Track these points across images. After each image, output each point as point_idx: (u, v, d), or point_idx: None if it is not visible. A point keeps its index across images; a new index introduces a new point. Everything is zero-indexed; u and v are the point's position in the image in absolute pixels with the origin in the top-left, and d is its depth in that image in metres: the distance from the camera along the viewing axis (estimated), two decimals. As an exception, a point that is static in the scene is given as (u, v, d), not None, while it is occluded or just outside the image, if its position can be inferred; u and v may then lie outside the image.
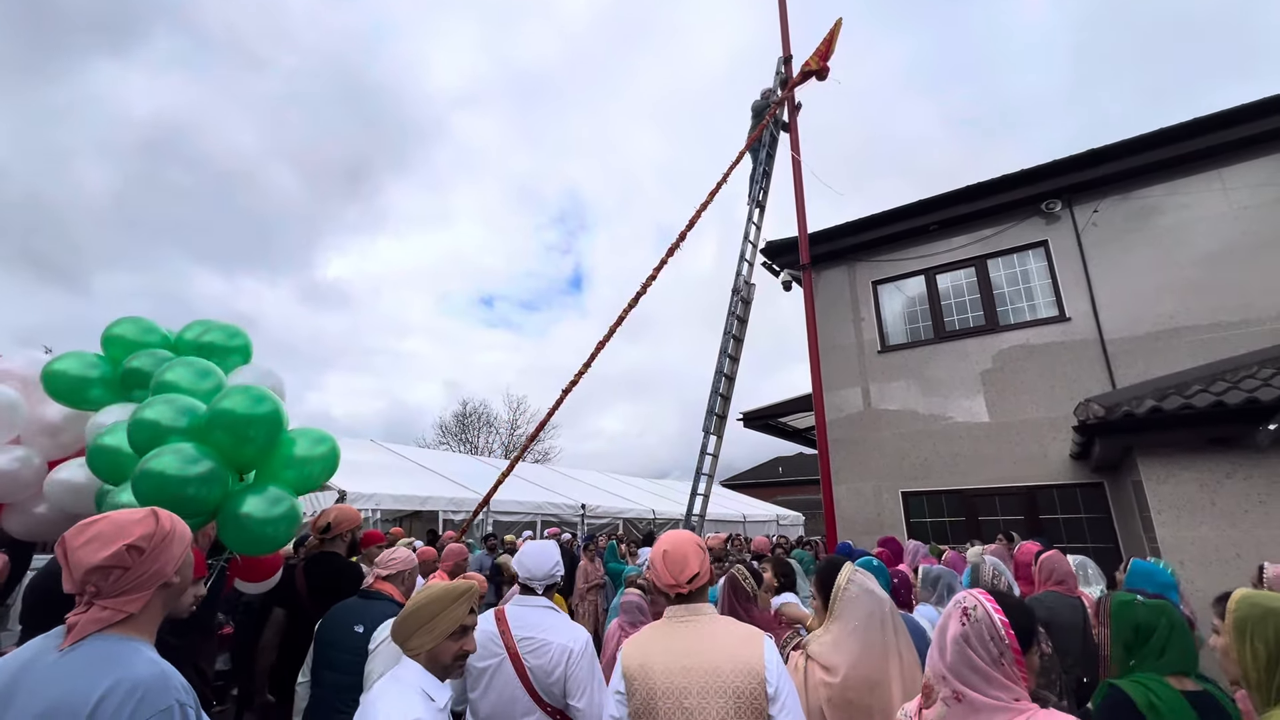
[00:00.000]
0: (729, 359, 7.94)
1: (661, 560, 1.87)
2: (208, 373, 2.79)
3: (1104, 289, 6.98)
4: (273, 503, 2.67)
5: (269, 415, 2.66)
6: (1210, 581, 4.30)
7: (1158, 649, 1.73)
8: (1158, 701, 1.60)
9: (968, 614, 1.38)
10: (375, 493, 9.23)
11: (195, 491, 2.36)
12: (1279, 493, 4.29)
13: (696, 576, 1.83)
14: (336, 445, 3.11)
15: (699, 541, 1.93)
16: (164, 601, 1.35)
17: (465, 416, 32.18)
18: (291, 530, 2.74)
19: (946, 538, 7.21)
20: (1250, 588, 2.89)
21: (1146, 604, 1.84)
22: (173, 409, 2.54)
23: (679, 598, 1.84)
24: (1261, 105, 6.34)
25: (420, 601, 1.72)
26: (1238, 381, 4.61)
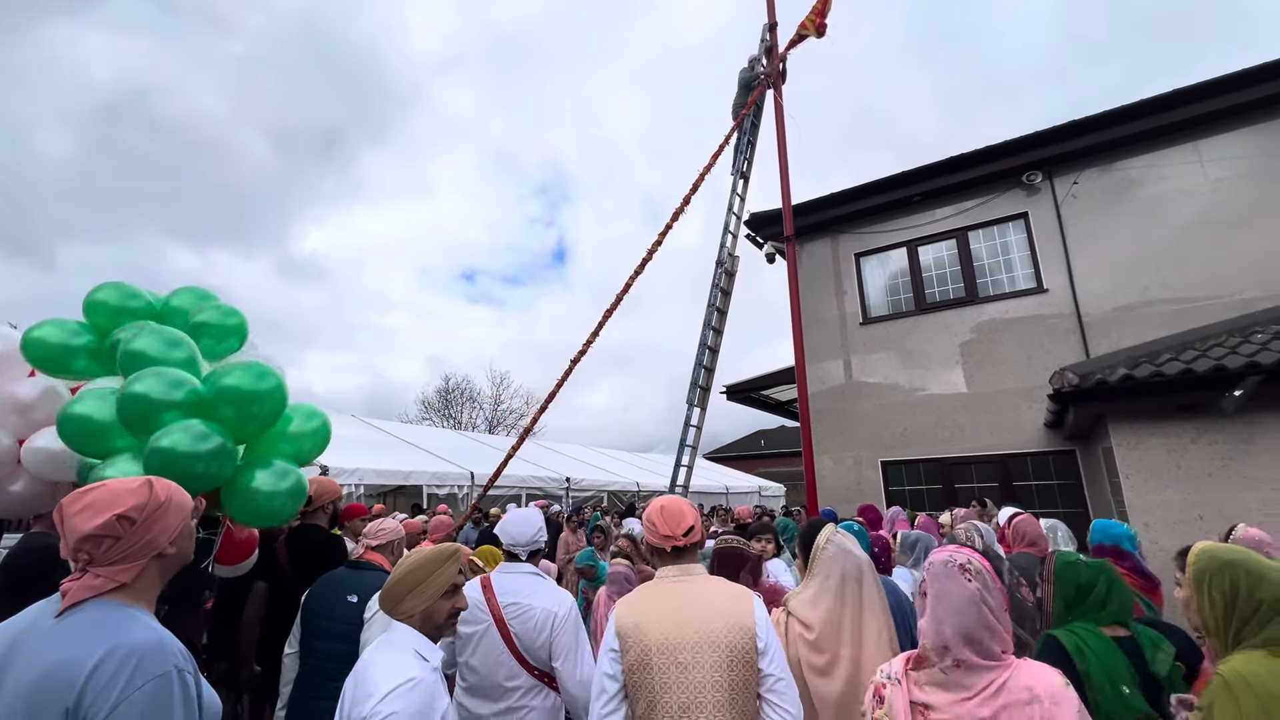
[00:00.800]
0: (712, 331, 7.95)
1: (660, 514, 1.92)
2: (177, 342, 2.71)
3: (1081, 261, 7.08)
4: (279, 476, 2.66)
5: (273, 391, 2.63)
6: (1175, 542, 4.44)
7: (1098, 603, 1.91)
8: (1085, 646, 1.80)
9: (968, 570, 1.42)
10: (358, 468, 9.17)
11: (205, 468, 2.34)
12: (1240, 456, 4.45)
13: (692, 530, 1.88)
14: (328, 421, 3.09)
15: (691, 504, 2.00)
16: (160, 571, 1.34)
17: (448, 392, 32.01)
18: (298, 503, 2.74)
19: (924, 505, 7.40)
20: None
21: (1089, 564, 2.01)
22: (164, 383, 2.48)
23: (675, 553, 1.87)
24: (1238, 77, 6.39)
25: (410, 565, 1.73)
26: (1206, 350, 4.74)
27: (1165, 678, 1.77)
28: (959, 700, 1.35)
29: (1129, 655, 1.80)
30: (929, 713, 1.37)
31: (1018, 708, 1.29)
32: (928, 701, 1.38)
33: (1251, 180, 6.43)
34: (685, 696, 1.63)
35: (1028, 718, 1.28)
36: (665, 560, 1.90)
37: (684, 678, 1.65)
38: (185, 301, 3.18)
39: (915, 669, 1.46)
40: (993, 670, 1.35)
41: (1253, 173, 6.44)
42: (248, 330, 3.22)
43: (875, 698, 1.47)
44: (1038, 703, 1.29)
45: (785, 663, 1.71)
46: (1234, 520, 4.34)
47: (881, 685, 1.47)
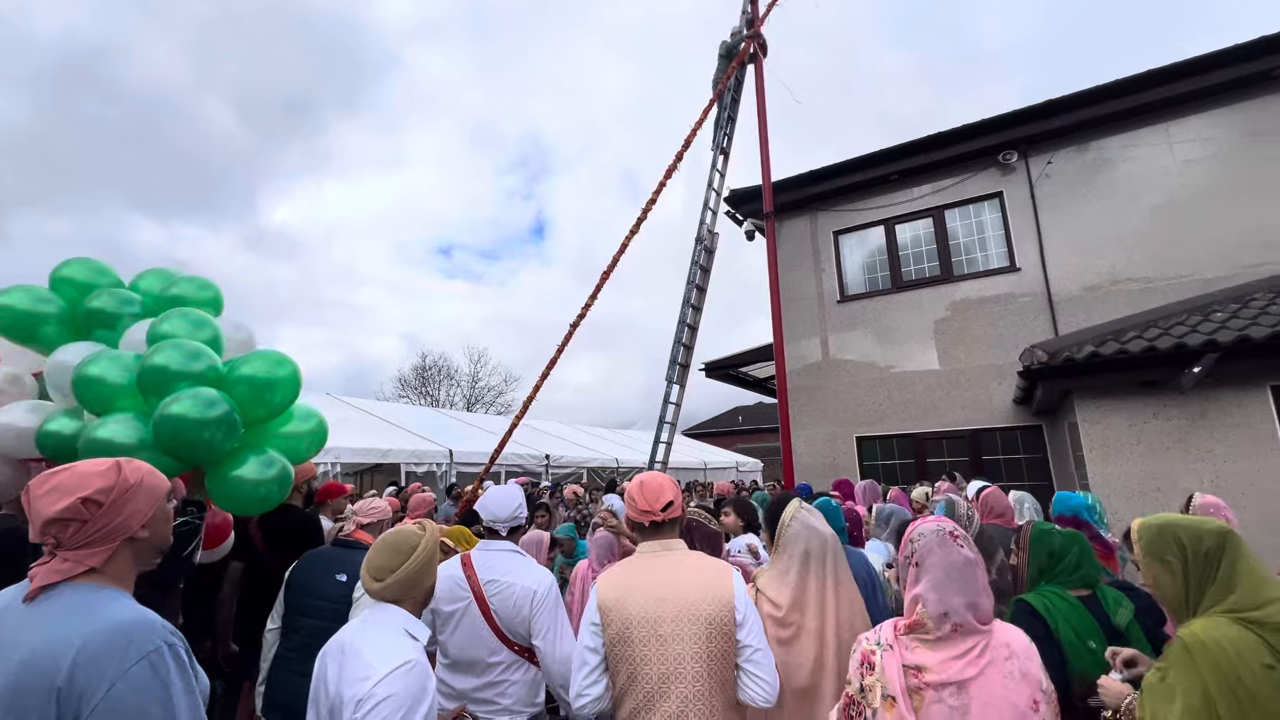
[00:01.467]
0: (692, 309, 7.95)
1: (639, 489, 1.94)
2: (203, 323, 2.69)
3: (1053, 240, 7.21)
4: (266, 464, 2.64)
5: (289, 379, 2.61)
6: (1134, 513, 4.63)
7: (1070, 568, 2.07)
8: (1051, 605, 1.97)
9: (958, 537, 1.49)
10: (334, 446, 9.05)
11: (212, 436, 2.33)
12: (1196, 430, 4.64)
13: (671, 505, 1.90)
14: (324, 422, 3.07)
15: (673, 480, 2.02)
16: (134, 555, 1.31)
17: (425, 369, 31.65)
18: (284, 493, 2.72)
19: (897, 479, 7.58)
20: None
21: (1062, 533, 2.14)
22: (182, 353, 2.45)
23: (654, 528, 1.89)
24: (1208, 59, 6.49)
25: (417, 559, 1.71)
26: (1169, 328, 4.89)
27: (1125, 629, 1.91)
28: (950, 660, 1.43)
29: (1093, 613, 1.94)
30: (921, 674, 1.43)
31: (999, 663, 1.41)
32: (920, 663, 1.44)
33: (1217, 162, 6.58)
34: (665, 668, 1.67)
35: (1008, 671, 1.40)
36: (645, 535, 1.92)
37: (664, 650, 1.68)
38: (155, 283, 3.09)
39: (907, 634, 1.51)
40: (981, 633, 1.45)
41: (1218, 155, 6.59)
42: (222, 304, 3.15)
43: (864, 664, 1.51)
44: (1015, 658, 1.43)
45: (762, 634, 1.76)
46: (1187, 491, 4.55)
47: (870, 652, 1.52)
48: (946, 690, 1.40)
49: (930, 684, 1.41)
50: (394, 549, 1.71)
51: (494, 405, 31.67)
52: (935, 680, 1.41)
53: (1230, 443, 4.53)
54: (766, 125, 8.18)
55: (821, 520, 2.21)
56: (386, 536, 1.77)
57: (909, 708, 1.41)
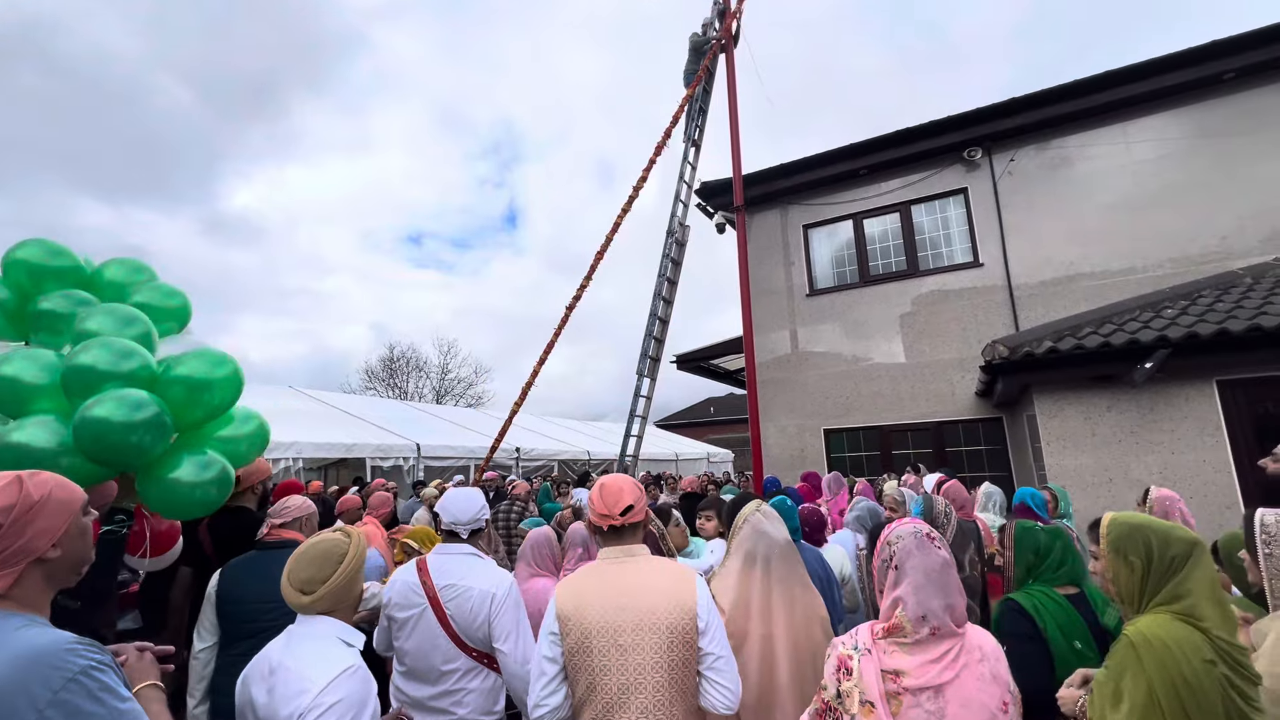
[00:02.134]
0: (663, 301, 7.91)
1: (598, 493, 1.89)
2: (132, 319, 2.49)
3: (1014, 236, 7.36)
4: (204, 465, 2.48)
5: (229, 379, 2.45)
6: (1088, 503, 4.81)
7: (1055, 565, 2.09)
8: (1040, 605, 2.00)
9: (935, 539, 1.49)
10: (296, 440, 8.81)
11: (140, 439, 2.15)
12: (1147, 423, 4.80)
13: (631, 509, 1.85)
14: (265, 424, 2.91)
15: (636, 482, 1.96)
16: (45, 576, 1.21)
17: (393, 361, 31.01)
18: (223, 495, 2.56)
19: (863, 470, 7.71)
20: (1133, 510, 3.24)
21: (1045, 530, 2.16)
22: (112, 352, 2.27)
23: (613, 532, 1.85)
24: (1161, 62, 6.67)
25: (345, 568, 1.65)
26: (1122, 324, 5.03)
27: (1114, 629, 1.94)
28: (927, 664, 1.43)
29: (1081, 612, 1.98)
30: (900, 679, 1.43)
31: (973, 666, 1.43)
32: (899, 668, 1.44)
33: (1170, 162, 6.79)
34: (625, 678, 1.63)
35: (981, 674, 1.43)
36: (606, 540, 1.87)
37: (624, 660, 1.64)
38: (119, 275, 2.89)
39: (885, 638, 1.50)
40: (957, 636, 1.46)
41: (1171, 154, 6.79)
42: (190, 313, 2.97)
43: (841, 669, 1.50)
44: (986, 660, 1.46)
45: (726, 640, 1.73)
46: (1139, 482, 4.70)
47: (847, 657, 1.50)
48: (924, 695, 1.40)
49: (908, 689, 1.41)
50: (322, 559, 1.65)
51: (464, 398, 31.24)
52: (913, 685, 1.41)
53: (1179, 435, 4.70)
54: (738, 117, 8.14)
55: (775, 523, 2.18)
56: (310, 547, 1.69)
57: (887, 713, 1.40)
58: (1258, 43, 6.28)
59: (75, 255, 2.85)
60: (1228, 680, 1.41)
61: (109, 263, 2.98)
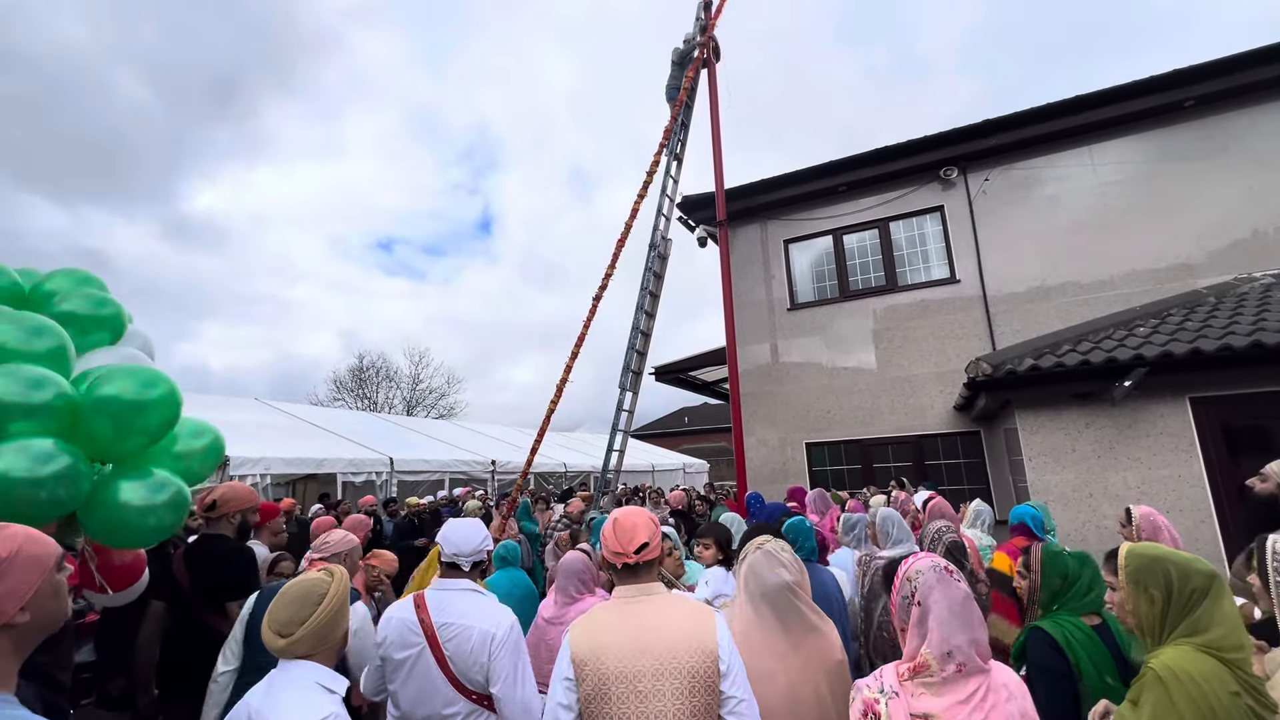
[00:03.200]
0: (645, 315, 7.88)
1: (612, 528, 1.82)
2: (41, 329, 2.25)
3: (989, 253, 7.54)
4: (155, 489, 2.28)
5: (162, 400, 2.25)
6: (1068, 518, 4.91)
7: (1082, 592, 2.03)
8: (1071, 636, 1.92)
9: (954, 573, 1.46)
10: (263, 456, 8.48)
11: (51, 494, 1.94)
12: (1124, 440, 4.92)
13: (646, 547, 1.78)
14: (220, 437, 2.72)
15: (651, 516, 1.88)
16: (14, 644, 1.09)
17: (362, 371, 30.27)
18: (178, 520, 2.37)
19: (845, 484, 7.75)
20: (1119, 530, 3.27)
21: (1073, 554, 2.10)
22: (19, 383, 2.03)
23: (627, 570, 1.77)
24: (1125, 89, 6.94)
25: (325, 618, 1.56)
26: (1099, 342, 5.17)
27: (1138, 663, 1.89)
28: (956, 705, 1.39)
29: (1106, 644, 1.92)
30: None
31: (1001, 706, 1.40)
32: (928, 711, 1.40)
33: (1135, 184, 7.05)
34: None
35: (1009, 714, 1.40)
36: (620, 578, 1.80)
37: (643, 707, 1.56)
38: (61, 285, 2.68)
39: (911, 678, 1.46)
40: (982, 673, 1.43)
41: (1136, 177, 7.05)
42: (124, 323, 2.76)
43: (868, 715, 1.45)
44: (1014, 698, 1.43)
45: (747, 682, 1.67)
46: (1117, 497, 4.81)
47: (874, 701, 1.46)
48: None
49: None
50: (301, 599, 1.57)
51: (435, 408, 30.65)
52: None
53: (1155, 451, 4.83)
54: (720, 133, 8.19)
55: (772, 564, 2.04)
56: (290, 588, 1.63)
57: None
58: (1216, 73, 6.58)
59: (11, 270, 2.64)
60: (1253, 711, 1.42)
61: (54, 274, 2.77)
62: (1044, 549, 2.16)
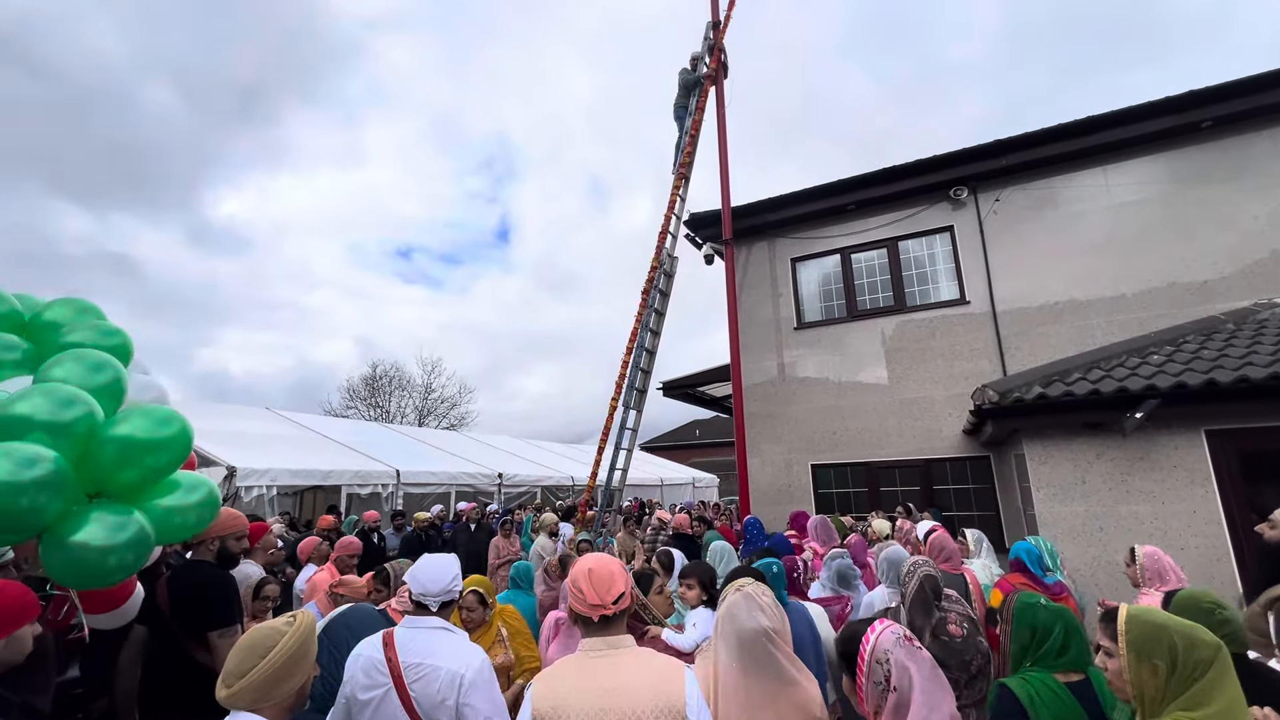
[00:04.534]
0: (650, 333, 7.84)
1: (587, 579, 1.75)
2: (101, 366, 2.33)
3: (1000, 275, 7.41)
4: (115, 527, 2.23)
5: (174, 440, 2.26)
6: (1078, 552, 4.75)
7: (1054, 650, 1.92)
8: (1037, 695, 1.83)
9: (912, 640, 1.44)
10: (270, 467, 8.54)
11: (31, 502, 1.92)
12: (1137, 473, 4.76)
13: (622, 597, 1.74)
14: (215, 491, 2.72)
15: (620, 563, 1.84)
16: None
17: (375, 380, 30.52)
18: (140, 560, 2.32)
19: (850, 507, 7.61)
20: (1124, 570, 3.14)
21: (1048, 607, 1.99)
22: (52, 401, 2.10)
23: (602, 622, 1.72)
24: (1140, 110, 6.81)
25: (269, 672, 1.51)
26: (1110, 370, 5.02)
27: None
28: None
29: (1083, 701, 1.81)
30: None
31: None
32: None
33: (1149, 206, 6.89)
34: (604, 792, 1.49)
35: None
36: (591, 631, 1.73)
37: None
38: (61, 315, 2.71)
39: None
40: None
41: (1150, 199, 6.90)
42: (131, 353, 2.78)
43: None
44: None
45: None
46: (1130, 531, 4.65)
47: None
48: None
49: None
50: (248, 650, 1.53)
51: (447, 418, 30.79)
52: None
53: (1169, 484, 4.65)
54: (727, 151, 8.18)
55: (751, 608, 1.95)
56: (246, 636, 1.59)
57: None
58: (1235, 93, 6.43)
59: (9, 296, 2.68)
60: None
61: (53, 303, 2.81)
62: (1017, 599, 2.06)
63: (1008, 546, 6.31)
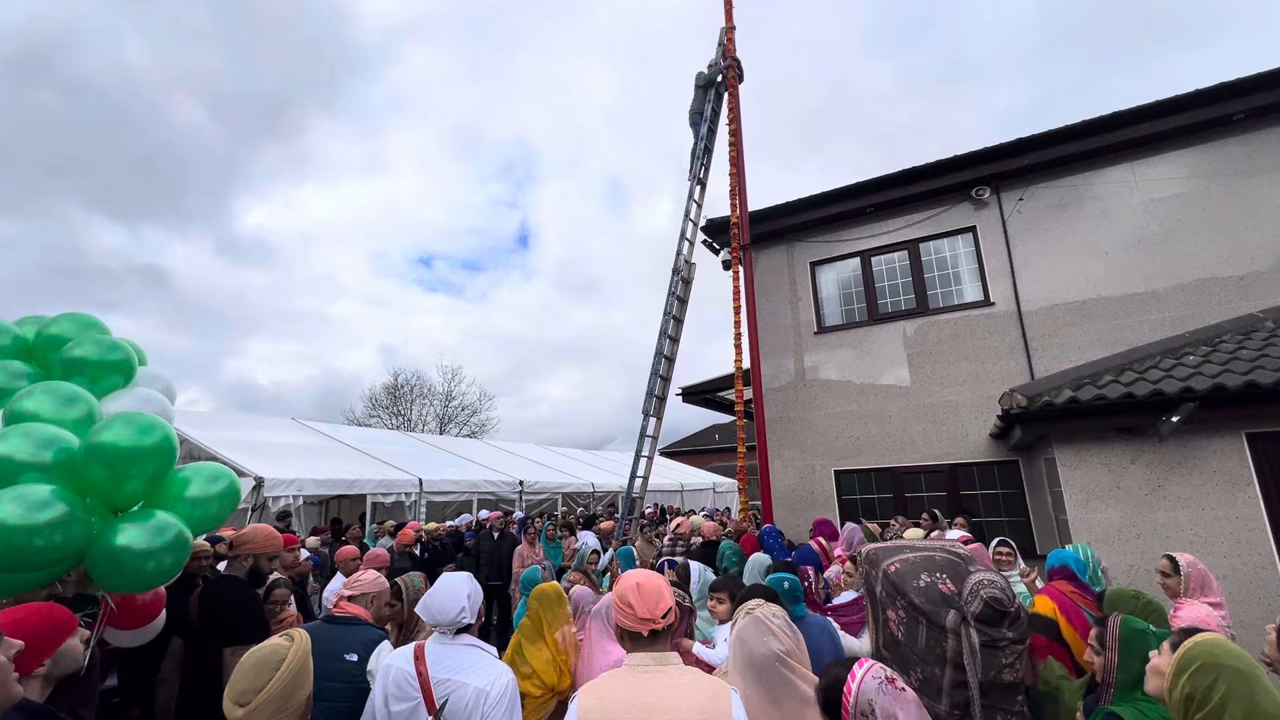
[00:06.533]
0: (669, 340, 7.83)
1: (636, 594, 1.75)
2: (74, 398, 2.38)
3: (1025, 275, 7.27)
4: (155, 532, 2.32)
5: (154, 448, 2.30)
6: (1113, 560, 4.61)
7: None
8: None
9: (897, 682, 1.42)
10: (296, 477, 8.68)
11: (48, 542, 1.99)
12: (1174, 478, 4.62)
13: (670, 611, 1.74)
14: (236, 482, 2.77)
15: (664, 578, 1.84)
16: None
17: (396, 389, 30.91)
18: (180, 562, 2.41)
19: (875, 513, 7.50)
20: (1160, 580, 3.03)
21: (1159, 635, 1.84)
22: (32, 442, 2.15)
23: (651, 636, 1.71)
24: (1169, 103, 6.64)
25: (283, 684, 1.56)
26: (1144, 372, 4.89)
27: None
28: None
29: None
30: None
31: None
32: None
33: (1180, 202, 6.71)
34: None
35: None
36: (638, 645, 1.73)
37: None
38: (67, 329, 2.79)
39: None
40: None
41: (1181, 195, 6.72)
42: (134, 366, 2.85)
43: None
44: None
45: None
46: (1168, 539, 4.51)
47: None
48: None
49: None
50: (258, 667, 1.59)
51: (468, 425, 31.05)
52: None
53: (1208, 490, 4.51)
54: (743, 156, 8.16)
55: (762, 633, 1.96)
56: (249, 656, 1.64)
57: None
58: (1266, 85, 6.25)
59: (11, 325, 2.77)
60: None
61: (59, 318, 2.88)
62: (1123, 624, 1.91)
63: (1040, 554, 6.16)
